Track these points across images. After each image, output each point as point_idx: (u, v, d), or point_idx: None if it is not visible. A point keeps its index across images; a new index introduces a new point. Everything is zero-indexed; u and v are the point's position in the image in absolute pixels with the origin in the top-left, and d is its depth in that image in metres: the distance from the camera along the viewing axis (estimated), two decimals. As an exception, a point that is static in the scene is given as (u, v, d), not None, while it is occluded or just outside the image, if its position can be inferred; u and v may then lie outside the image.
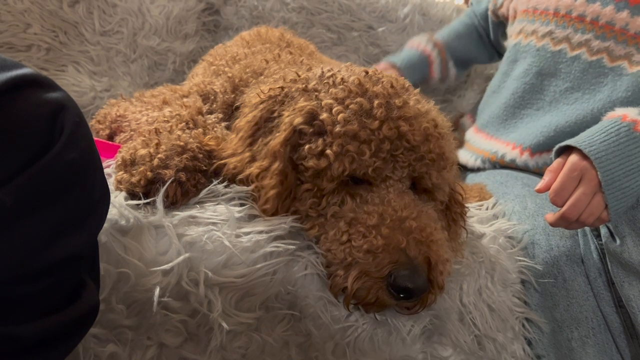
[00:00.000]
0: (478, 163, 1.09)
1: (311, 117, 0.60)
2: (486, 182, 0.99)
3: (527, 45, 1.04)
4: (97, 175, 0.42)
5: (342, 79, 0.62)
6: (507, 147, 1.04)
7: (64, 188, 0.37)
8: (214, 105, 0.79)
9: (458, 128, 1.34)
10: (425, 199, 0.64)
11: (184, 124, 0.67)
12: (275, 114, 0.63)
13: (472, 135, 1.17)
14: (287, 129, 0.60)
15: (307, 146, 0.59)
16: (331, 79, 0.63)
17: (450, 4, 1.58)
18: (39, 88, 0.38)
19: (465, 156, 1.14)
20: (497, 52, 1.35)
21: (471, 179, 1.08)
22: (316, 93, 0.62)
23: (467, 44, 1.33)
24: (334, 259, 0.57)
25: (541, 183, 0.72)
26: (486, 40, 1.33)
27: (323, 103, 0.60)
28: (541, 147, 0.99)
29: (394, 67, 1.26)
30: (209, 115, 0.74)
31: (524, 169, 1.01)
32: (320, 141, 0.58)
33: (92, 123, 0.84)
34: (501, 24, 1.24)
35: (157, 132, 0.64)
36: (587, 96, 0.94)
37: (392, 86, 0.62)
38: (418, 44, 1.31)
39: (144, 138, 0.63)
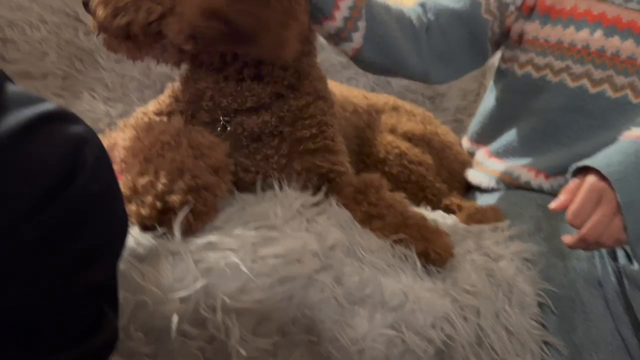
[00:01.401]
0: (492, 184, 1.09)
1: None
2: (499, 203, 0.99)
3: (540, 79, 1.00)
4: (118, 206, 0.43)
5: None
6: (522, 169, 1.03)
7: (86, 220, 0.38)
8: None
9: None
10: None
11: (167, 145, 0.67)
12: None
13: (484, 159, 1.14)
14: None
15: None
16: None
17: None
18: (62, 122, 0.39)
19: (478, 177, 1.13)
20: (429, 70, 0.99)
21: (484, 199, 1.08)
22: None
23: (397, 28, 0.91)
24: None
25: (556, 202, 0.72)
26: (424, 46, 0.96)
27: None
28: (556, 170, 0.98)
29: None
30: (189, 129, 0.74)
31: (537, 190, 1.01)
32: None
33: None
34: (484, 49, 1.05)
35: (146, 160, 0.64)
36: (614, 133, 0.88)
37: None
38: None
39: (138, 168, 0.63)
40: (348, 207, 0.75)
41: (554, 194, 0.98)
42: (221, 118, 0.77)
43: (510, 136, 1.08)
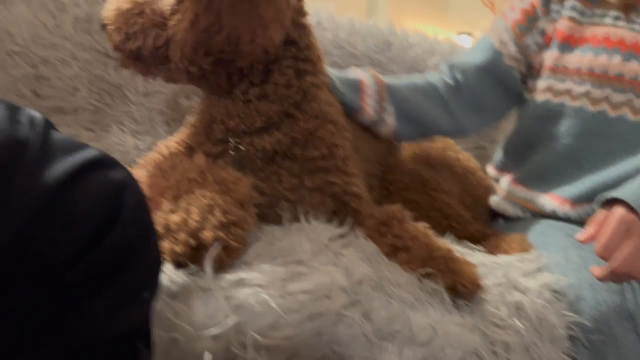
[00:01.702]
0: (518, 212, 1.09)
1: None
2: (526, 232, 0.98)
3: (560, 105, 1.02)
4: (154, 248, 0.44)
5: None
6: (546, 196, 1.03)
7: (126, 263, 0.39)
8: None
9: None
10: None
11: (194, 183, 0.69)
12: None
13: (510, 186, 1.14)
14: None
15: None
16: None
17: (478, 52, 1.60)
18: (103, 168, 0.40)
19: (503, 205, 1.13)
20: (463, 125, 1.10)
21: (510, 227, 1.07)
22: None
23: (421, 98, 1.05)
24: None
25: (584, 234, 0.71)
26: (454, 106, 1.07)
27: None
28: (582, 199, 0.98)
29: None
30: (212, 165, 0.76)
31: (564, 219, 1.00)
32: None
33: None
34: (518, 93, 1.12)
35: (176, 197, 0.66)
36: (634, 156, 0.92)
37: None
38: (356, 71, 1.03)
39: (168, 206, 0.64)
40: (372, 239, 0.76)
41: (581, 222, 0.97)
42: (230, 140, 0.81)
43: (533, 163, 1.09)
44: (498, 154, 1.22)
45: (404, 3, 3.47)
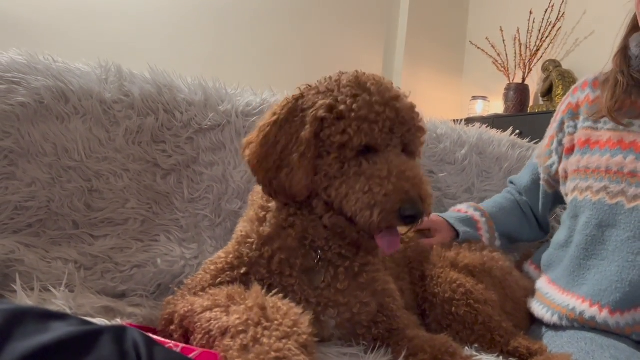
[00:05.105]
0: (555, 319, 1.10)
1: (331, 108, 0.83)
2: (570, 349, 0.99)
3: (583, 200, 1.12)
4: None
5: (346, 81, 0.86)
6: (583, 303, 1.05)
7: None
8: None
9: (522, 271, 1.35)
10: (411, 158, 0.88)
11: (259, 327, 0.70)
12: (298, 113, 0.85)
13: (544, 286, 1.18)
14: (313, 122, 0.82)
15: (332, 128, 0.82)
16: (336, 82, 0.86)
17: (505, 141, 1.64)
18: None
19: (539, 310, 1.14)
20: (542, 230, 1.41)
21: (552, 340, 1.08)
22: (330, 92, 0.85)
23: (511, 218, 1.35)
24: (362, 204, 0.79)
25: None
26: (531, 218, 1.38)
27: (339, 98, 0.83)
28: (620, 305, 1.01)
29: (444, 220, 1.28)
30: (270, 300, 0.77)
31: (604, 328, 1.01)
32: (342, 123, 0.81)
33: (160, 329, 0.83)
34: (555, 195, 1.32)
35: (245, 348, 0.67)
36: None
37: (377, 80, 0.87)
38: (464, 209, 1.33)
39: (238, 358, 0.66)
40: None
41: (621, 332, 1.00)
42: (318, 252, 0.89)
43: (563, 259, 1.16)
44: (537, 255, 1.29)
45: (419, 67, 3.56)
